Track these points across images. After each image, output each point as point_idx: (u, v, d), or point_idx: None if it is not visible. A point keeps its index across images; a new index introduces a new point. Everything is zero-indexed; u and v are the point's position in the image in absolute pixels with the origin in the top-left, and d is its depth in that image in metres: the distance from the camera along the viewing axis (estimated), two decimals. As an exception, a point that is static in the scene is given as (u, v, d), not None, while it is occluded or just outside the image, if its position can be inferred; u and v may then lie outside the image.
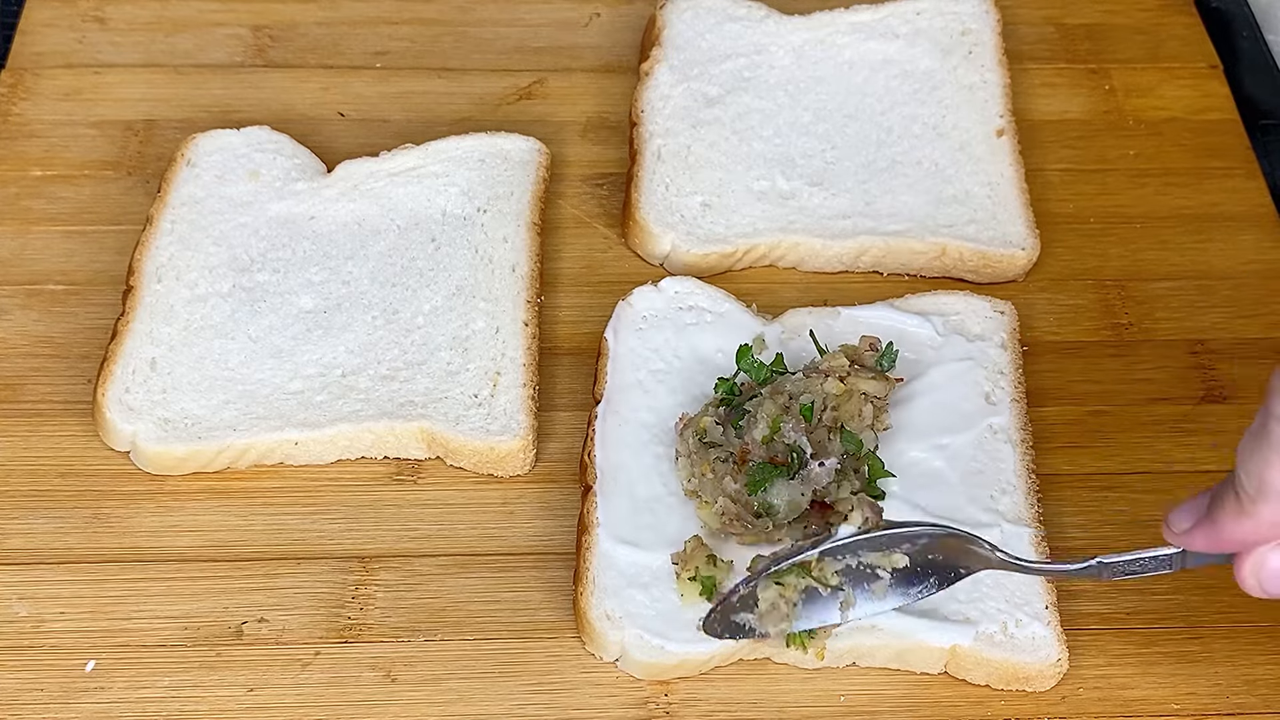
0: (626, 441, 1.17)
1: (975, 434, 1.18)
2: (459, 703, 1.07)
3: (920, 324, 1.24)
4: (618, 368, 1.21)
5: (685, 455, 1.14)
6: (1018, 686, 1.08)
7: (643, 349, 1.23)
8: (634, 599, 1.09)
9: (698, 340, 1.24)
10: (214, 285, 1.26)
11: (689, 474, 1.13)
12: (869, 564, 1.05)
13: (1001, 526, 1.13)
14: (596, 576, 1.10)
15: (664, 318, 1.25)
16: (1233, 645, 1.11)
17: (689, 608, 1.08)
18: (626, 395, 1.20)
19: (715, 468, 1.12)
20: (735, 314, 1.26)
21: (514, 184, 1.34)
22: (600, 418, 1.18)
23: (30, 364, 1.25)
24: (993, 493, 1.15)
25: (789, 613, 1.05)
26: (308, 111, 1.45)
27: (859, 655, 1.09)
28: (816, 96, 1.42)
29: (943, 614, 1.08)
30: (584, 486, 1.16)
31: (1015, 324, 1.26)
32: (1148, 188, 1.40)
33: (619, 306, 1.25)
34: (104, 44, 1.50)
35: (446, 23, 1.54)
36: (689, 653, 1.07)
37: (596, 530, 1.12)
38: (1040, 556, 1.12)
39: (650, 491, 1.14)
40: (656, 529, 1.12)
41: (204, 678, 1.08)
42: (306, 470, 1.19)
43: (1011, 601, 1.09)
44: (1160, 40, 1.53)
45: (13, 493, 1.17)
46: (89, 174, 1.39)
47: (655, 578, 1.10)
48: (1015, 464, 1.16)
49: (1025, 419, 1.19)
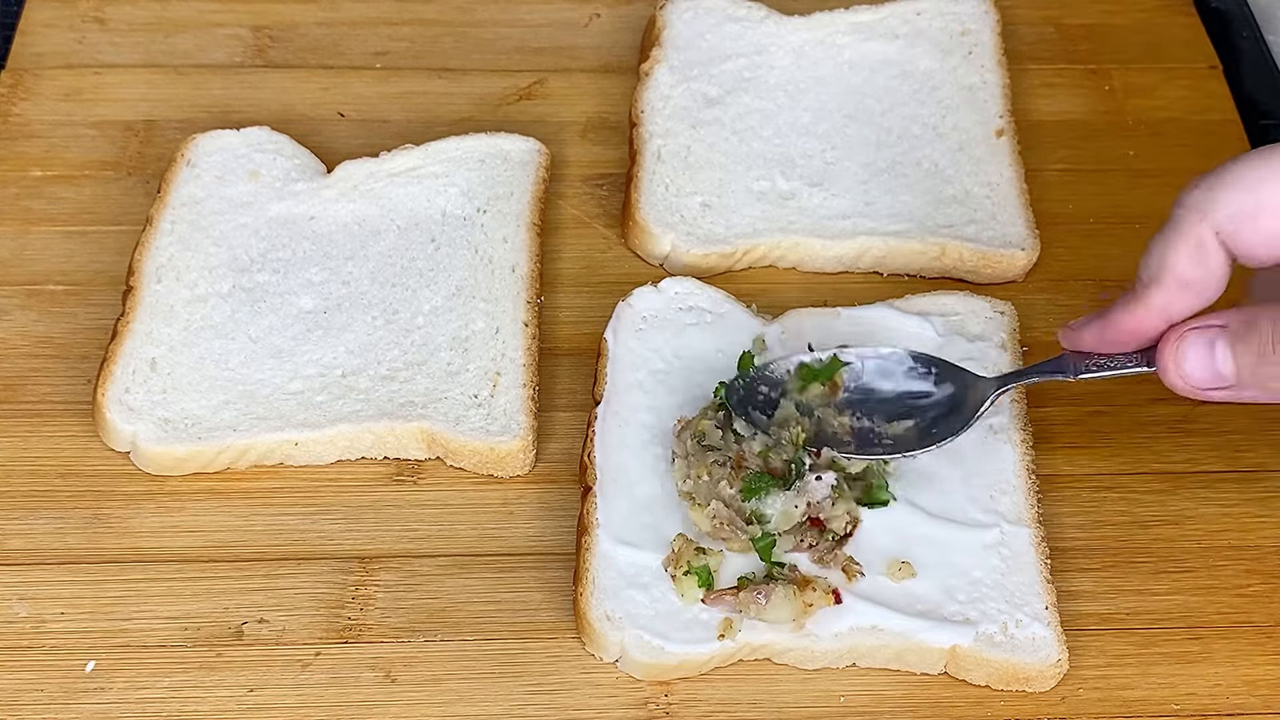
0: (626, 442, 1.17)
1: (975, 434, 1.18)
2: (459, 703, 1.07)
3: (920, 324, 1.24)
4: (617, 368, 1.21)
5: (682, 457, 1.14)
6: (1018, 687, 1.08)
7: (642, 349, 1.23)
8: (634, 599, 1.09)
9: (698, 341, 1.24)
10: (214, 285, 1.26)
11: (684, 475, 1.13)
12: (880, 432, 1.14)
13: (1001, 526, 1.13)
14: (596, 577, 1.10)
15: (664, 318, 1.25)
16: (1233, 645, 1.11)
17: (690, 605, 1.09)
18: (626, 396, 1.20)
19: (712, 471, 1.12)
20: (735, 314, 1.26)
21: (514, 184, 1.34)
22: (600, 418, 1.18)
23: (30, 364, 1.25)
24: (992, 493, 1.15)
25: (798, 430, 1.11)
26: (308, 112, 1.45)
27: (859, 655, 1.09)
28: (816, 97, 1.42)
29: (942, 614, 1.09)
30: (584, 487, 1.16)
31: (1015, 324, 1.26)
32: (1148, 188, 1.40)
33: (619, 307, 1.25)
34: (104, 44, 1.50)
35: (446, 23, 1.54)
36: (689, 653, 1.07)
37: (596, 531, 1.12)
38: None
39: (650, 492, 1.14)
40: (656, 530, 1.12)
41: (204, 678, 1.08)
42: (306, 471, 1.19)
43: (1011, 602, 1.10)
44: (1160, 40, 1.53)
45: (13, 493, 1.17)
46: (89, 174, 1.39)
47: (655, 578, 1.10)
48: (1015, 464, 1.17)
49: (1025, 419, 1.20)
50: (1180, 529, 1.17)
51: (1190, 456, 1.21)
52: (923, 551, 1.11)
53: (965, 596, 1.10)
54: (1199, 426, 1.23)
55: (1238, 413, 1.24)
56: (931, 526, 1.12)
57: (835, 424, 1.14)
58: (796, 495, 1.10)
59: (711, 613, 1.08)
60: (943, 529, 1.12)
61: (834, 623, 1.08)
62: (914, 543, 1.12)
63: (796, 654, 1.08)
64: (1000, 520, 1.13)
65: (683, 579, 1.09)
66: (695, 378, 1.21)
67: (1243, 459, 1.22)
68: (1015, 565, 1.11)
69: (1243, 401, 1.01)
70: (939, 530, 1.12)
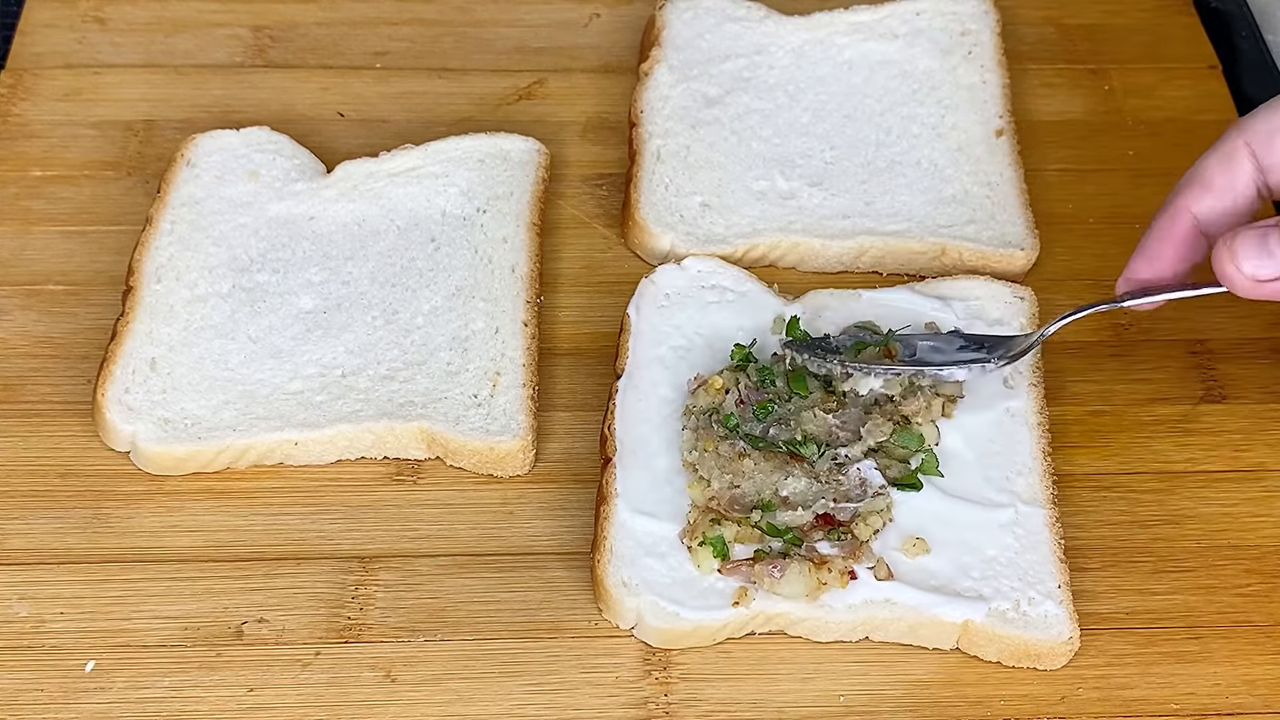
0: (646, 416, 1.18)
1: (993, 416, 1.19)
2: (459, 703, 1.07)
3: (941, 308, 1.25)
4: (639, 343, 1.22)
5: (692, 430, 1.14)
6: (1029, 664, 1.09)
7: (664, 325, 1.24)
8: (651, 567, 1.10)
9: (719, 319, 1.25)
10: (214, 285, 1.26)
11: (691, 445, 1.13)
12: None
13: (1017, 507, 1.14)
14: (614, 545, 1.11)
15: (686, 295, 1.26)
16: (1233, 645, 1.11)
17: (707, 575, 1.10)
18: (647, 370, 1.21)
19: (720, 448, 1.12)
20: (757, 294, 1.27)
21: (514, 184, 1.34)
22: (620, 391, 1.19)
23: (30, 364, 1.25)
24: (1008, 474, 1.16)
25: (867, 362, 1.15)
26: (308, 112, 1.45)
27: (872, 628, 1.10)
28: (816, 97, 1.42)
29: (956, 590, 1.09)
30: (603, 459, 1.16)
31: (1035, 310, 1.26)
32: (1147, 188, 1.40)
33: (642, 284, 1.26)
34: (104, 44, 1.50)
35: (446, 23, 1.54)
36: (703, 620, 1.08)
37: (615, 501, 1.13)
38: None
39: (668, 465, 1.16)
40: (673, 501, 1.14)
41: (204, 678, 1.08)
42: (306, 470, 1.19)
43: (1025, 580, 1.10)
44: (1159, 40, 1.53)
45: (13, 493, 1.17)
46: (89, 174, 1.39)
47: (672, 548, 1.11)
48: (1031, 447, 1.17)
49: (1043, 403, 1.20)
50: (1180, 529, 1.17)
51: (1190, 456, 1.21)
52: (938, 529, 1.12)
53: (979, 574, 1.11)
54: (1199, 426, 1.23)
55: (1237, 413, 1.24)
56: (947, 505, 1.13)
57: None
58: (818, 486, 1.10)
59: (727, 581, 1.10)
60: (958, 508, 1.13)
61: (848, 595, 1.09)
62: (929, 520, 1.13)
63: (810, 625, 1.09)
64: (1016, 500, 1.14)
65: (698, 550, 1.10)
66: (716, 354, 1.22)
67: (1242, 459, 1.22)
68: (1029, 544, 1.12)
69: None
70: (954, 509, 1.13)
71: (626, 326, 1.24)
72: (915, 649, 1.10)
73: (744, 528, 1.10)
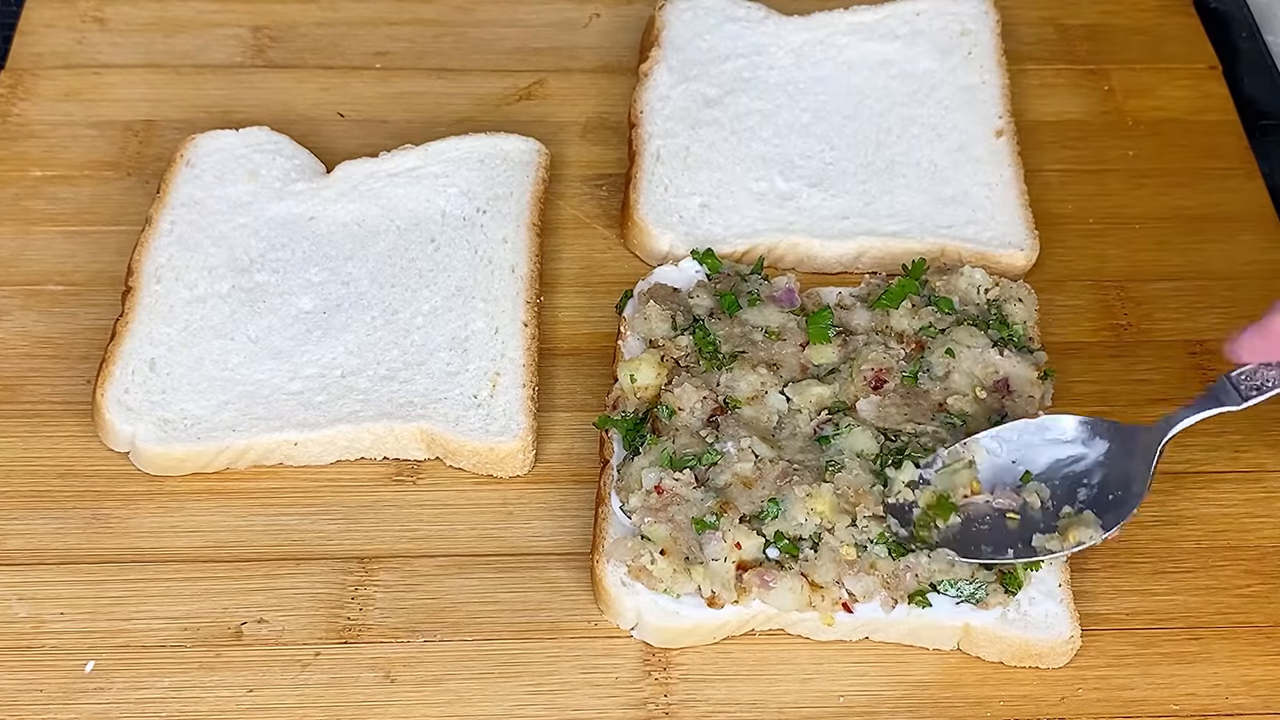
0: None
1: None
2: (459, 703, 1.07)
3: None
4: (633, 352, 1.22)
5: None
6: (1030, 663, 1.09)
7: None
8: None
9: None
10: (213, 286, 1.26)
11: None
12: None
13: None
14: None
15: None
16: (1232, 646, 1.11)
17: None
18: None
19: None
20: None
21: (513, 185, 1.34)
22: None
23: (30, 364, 1.25)
24: None
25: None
26: (307, 112, 1.45)
27: (873, 629, 1.10)
28: (816, 97, 1.42)
29: None
30: (603, 459, 1.17)
31: (1034, 307, 1.25)
32: (1147, 188, 1.40)
33: (638, 287, 1.26)
34: (104, 44, 1.50)
35: (446, 23, 1.54)
36: (702, 618, 1.08)
37: (614, 502, 1.13)
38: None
39: None
40: None
41: (204, 678, 1.08)
42: (306, 471, 1.19)
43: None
44: (1160, 41, 1.53)
45: (13, 493, 1.17)
46: (89, 174, 1.39)
47: None
48: None
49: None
50: (1180, 529, 1.17)
51: (1190, 457, 1.21)
52: None
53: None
54: (1199, 427, 1.23)
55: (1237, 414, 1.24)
56: None
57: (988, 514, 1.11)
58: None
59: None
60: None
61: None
62: None
63: (810, 624, 1.09)
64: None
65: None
66: None
67: (1242, 459, 1.22)
68: None
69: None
70: None
71: (622, 332, 1.24)
72: (915, 649, 1.10)
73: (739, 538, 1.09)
